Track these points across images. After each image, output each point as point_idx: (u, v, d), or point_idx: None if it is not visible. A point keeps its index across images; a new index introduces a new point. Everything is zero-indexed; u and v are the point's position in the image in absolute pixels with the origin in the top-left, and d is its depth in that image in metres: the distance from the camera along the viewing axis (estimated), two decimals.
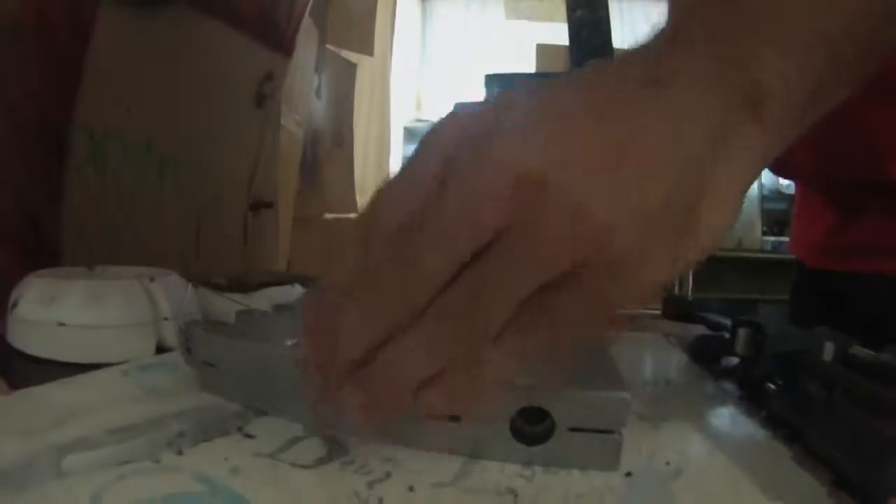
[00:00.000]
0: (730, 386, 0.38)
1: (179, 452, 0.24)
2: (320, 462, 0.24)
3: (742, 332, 0.36)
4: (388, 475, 0.23)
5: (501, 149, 0.18)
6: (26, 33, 0.56)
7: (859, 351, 0.33)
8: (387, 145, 2.33)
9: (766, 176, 2.13)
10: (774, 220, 2.72)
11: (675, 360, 0.45)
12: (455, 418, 0.25)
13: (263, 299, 0.54)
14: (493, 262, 0.18)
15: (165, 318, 0.40)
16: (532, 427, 0.24)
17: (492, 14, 3.02)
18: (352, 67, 1.46)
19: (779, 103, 0.20)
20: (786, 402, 0.30)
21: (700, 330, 0.47)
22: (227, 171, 0.96)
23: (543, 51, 2.72)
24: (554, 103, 0.19)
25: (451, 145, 0.19)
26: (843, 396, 0.27)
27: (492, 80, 2.74)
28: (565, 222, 0.17)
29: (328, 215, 1.48)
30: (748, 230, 2.18)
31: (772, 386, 0.32)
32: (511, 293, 0.18)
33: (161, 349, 0.39)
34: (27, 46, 0.56)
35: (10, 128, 0.55)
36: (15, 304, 0.38)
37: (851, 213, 0.52)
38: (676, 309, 0.51)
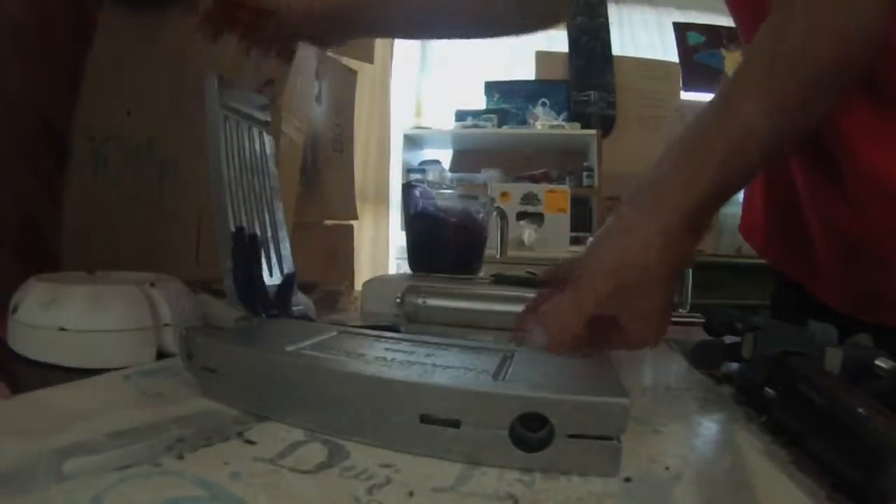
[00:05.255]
0: (729, 391, 0.38)
1: (180, 457, 0.24)
2: (320, 467, 0.24)
3: (748, 337, 0.36)
4: (387, 480, 0.23)
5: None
6: (28, 35, 0.56)
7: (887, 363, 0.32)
8: (387, 152, 2.33)
9: None
10: None
11: (675, 366, 0.45)
12: (455, 423, 0.25)
13: None
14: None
15: (166, 324, 0.40)
16: (531, 433, 0.24)
17: None
18: (352, 74, 1.46)
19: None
20: (785, 407, 0.30)
21: (700, 335, 0.47)
22: None
23: (543, 58, 2.73)
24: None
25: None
26: (841, 402, 0.27)
27: (491, 87, 2.75)
28: None
29: (328, 221, 1.48)
30: None
31: (771, 391, 0.32)
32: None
33: (162, 354, 0.39)
34: (28, 48, 0.57)
35: (10, 130, 0.56)
36: (16, 308, 0.38)
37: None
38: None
